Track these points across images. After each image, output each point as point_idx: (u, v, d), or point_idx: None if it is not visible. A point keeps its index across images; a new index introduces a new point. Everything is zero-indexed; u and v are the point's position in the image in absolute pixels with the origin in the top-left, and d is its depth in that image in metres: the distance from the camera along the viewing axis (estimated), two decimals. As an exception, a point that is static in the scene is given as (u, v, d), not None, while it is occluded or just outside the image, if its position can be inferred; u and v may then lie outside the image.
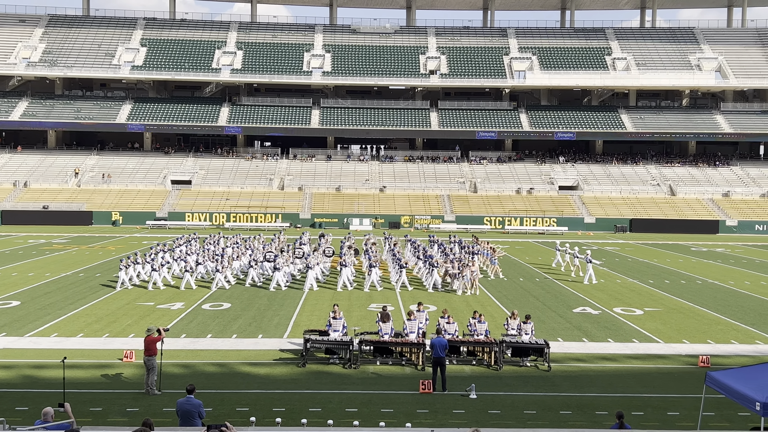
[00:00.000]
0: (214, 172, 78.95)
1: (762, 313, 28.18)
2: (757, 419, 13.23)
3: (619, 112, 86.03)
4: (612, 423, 13.45)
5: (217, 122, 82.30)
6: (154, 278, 31.70)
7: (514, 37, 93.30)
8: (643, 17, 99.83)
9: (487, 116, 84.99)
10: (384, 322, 20.70)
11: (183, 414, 13.31)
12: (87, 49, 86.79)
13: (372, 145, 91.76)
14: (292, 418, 15.32)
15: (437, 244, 42.68)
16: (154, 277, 31.72)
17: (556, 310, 28.12)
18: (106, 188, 73.92)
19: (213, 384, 17.94)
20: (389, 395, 17.33)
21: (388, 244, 42.24)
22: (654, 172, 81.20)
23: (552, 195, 75.67)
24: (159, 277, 32.00)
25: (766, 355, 21.55)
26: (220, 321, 25.06)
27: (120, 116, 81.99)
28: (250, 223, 67.05)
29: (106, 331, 23.41)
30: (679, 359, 21.22)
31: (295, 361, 20.06)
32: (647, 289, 33.87)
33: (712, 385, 13.85)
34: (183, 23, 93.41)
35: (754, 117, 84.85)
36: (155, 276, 31.74)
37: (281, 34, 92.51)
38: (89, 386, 17.62)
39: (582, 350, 21.99)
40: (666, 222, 68.99)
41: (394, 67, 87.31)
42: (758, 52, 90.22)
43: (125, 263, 32.00)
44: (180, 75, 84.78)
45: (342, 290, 31.77)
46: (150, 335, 17.27)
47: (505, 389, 17.95)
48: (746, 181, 79.32)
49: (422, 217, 69.08)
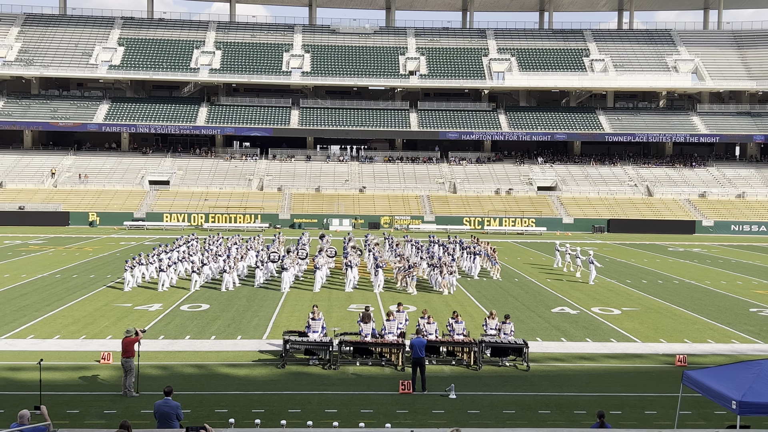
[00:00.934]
0: (192, 173, 78.54)
1: (738, 312, 28.48)
2: (733, 417, 13.33)
3: (597, 114, 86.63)
4: (591, 422, 13.53)
5: (196, 122, 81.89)
6: (162, 279, 31.49)
7: (493, 38, 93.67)
8: (621, 19, 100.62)
9: (467, 117, 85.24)
10: (365, 322, 20.67)
11: (161, 416, 13.24)
12: (64, 48, 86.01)
13: (351, 146, 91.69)
14: (271, 420, 15.26)
15: (437, 244, 42.32)
16: (162, 278, 31.50)
17: (534, 310, 28.25)
18: (83, 189, 73.28)
19: (191, 385, 17.83)
20: (369, 396, 17.32)
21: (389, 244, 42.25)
22: (631, 173, 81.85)
23: (530, 195, 76.03)
24: (167, 278, 31.79)
25: (742, 354, 21.78)
26: (199, 322, 24.91)
27: (97, 116, 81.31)
28: (229, 223, 66.75)
29: (83, 332, 23.20)
30: (657, 358, 21.39)
31: (275, 362, 19.99)
32: (625, 289, 34.12)
33: (689, 384, 13.97)
34: (161, 22, 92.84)
35: (730, 118, 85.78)
36: (163, 276, 31.54)
37: (260, 34, 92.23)
38: (66, 388, 17.45)
39: (560, 350, 22.11)
40: (643, 222, 69.57)
41: (374, 67, 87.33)
42: (734, 54, 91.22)
43: (130, 264, 31.80)
44: (158, 75, 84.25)
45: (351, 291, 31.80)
46: (128, 337, 17.14)
47: (484, 389, 18.00)
48: (722, 182, 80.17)
49: (402, 217, 69.13)
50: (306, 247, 39.04)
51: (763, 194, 77.13)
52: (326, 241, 42.21)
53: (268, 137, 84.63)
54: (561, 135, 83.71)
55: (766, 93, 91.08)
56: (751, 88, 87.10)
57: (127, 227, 65.01)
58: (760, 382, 12.46)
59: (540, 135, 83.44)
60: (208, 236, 44.59)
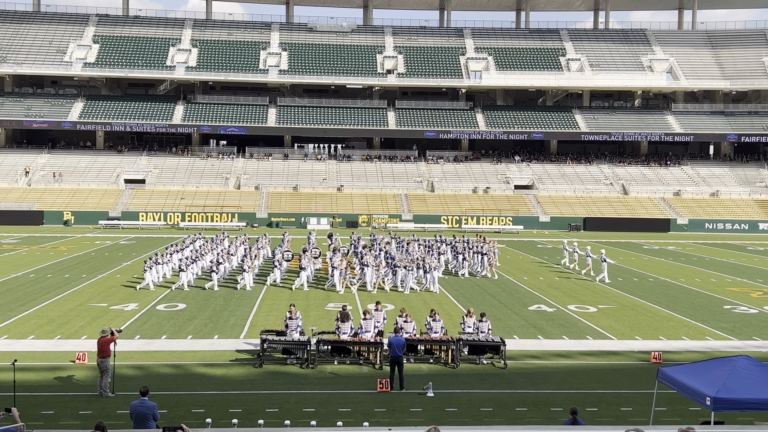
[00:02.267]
0: (168, 171, 77.99)
1: (712, 309, 28.81)
2: (707, 414, 13.49)
3: (573, 113, 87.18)
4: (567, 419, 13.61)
5: (172, 120, 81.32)
6: (182, 279, 31.32)
7: (471, 38, 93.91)
8: (597, 18, 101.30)
9: (444, 116, 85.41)
10: (343, 321, 20.64)
11: (137, 417, 13.15)
12: (38, 45, 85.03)
13: (329, 145, 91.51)
14: (248, 419, 15.21)
15: (445, 243, 42.10)
16: (182, 278, 31.33)
17: (512, 308, 28.38)
18: (57, 187, 72.52)
19: (168, 385, 17.72)
20: (347, 395, 17.32)
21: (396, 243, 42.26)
22: (607, 172, 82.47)
23: (508, 194, 76.37)
24: (186, 278, 31.55)
25: (716, 351, 22.03)
26: (175, 322, 24.76)
27: (72, 114, 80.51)
28: (206, 222, 66.36)
29: (57, 332, 22.98)
30: (632, 355, 21.58)
31: (252, 362, 19.93)
32: (601, 286, 34.37)
33: (663, 380, 14.11)
34: (137, 20, 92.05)
35: (704, 117, 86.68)
36: (183, 276, 31.37)
37: (237, 32, 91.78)
38: (41, 389, 17.28)
39: (537, 347, 22.24)
40: (619, 221, 70.11)
41: (352, 66, 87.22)
42: (708, 54, 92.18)
43: (149, 264, 31.56)
44: (133, 72, 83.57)
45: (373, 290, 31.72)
46: (104, 337, 17.00)
47: (462, 387, 18.06)
48: (696, 181, 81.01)
49: (380, 216, 69.15)
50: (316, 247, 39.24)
51: (737, 193, 78.07)
52: (335, 241, 42.13)
53: (245, 136, 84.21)
54: (538, 134, 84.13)
55: (739, 92, 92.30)
56: (724, 88, 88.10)
57: (103, 226, 64.42)
58: (733, 379, 12.62)
59: (517, 134, 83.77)
60: (214, 236, 44.13)
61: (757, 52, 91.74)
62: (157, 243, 51.08)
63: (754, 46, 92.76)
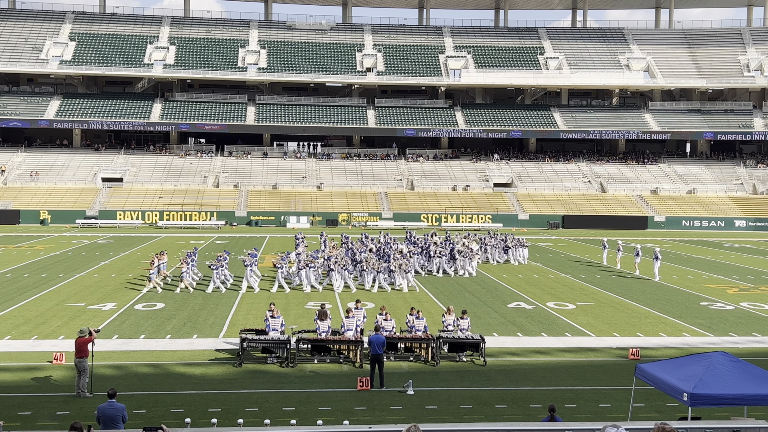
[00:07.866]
0: (146, 170, 77.46)
1: (689, 306, 29.08)
2: (684, 409, 13.63)
3: (552, 111, 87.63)
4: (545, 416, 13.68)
5: (150, 118, 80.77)
6: (215, 280, 30.99)
7: (450, 36, 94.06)
8: (575, 17, 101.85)
9: (424, 114, 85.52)
10: (321, 320, 20.61)
11: (105, 419, 12.79)
12: (13, 42, 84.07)
13: (309, 143, 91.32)
14: (228, 419, 15.16)
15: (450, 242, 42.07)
16: (215, 279, 31.00)
17: (491, 305, 28.48)
18: (33, 186, 71.78)
19: (147, 385, 17.62)
20: (327, 393, 17.30)
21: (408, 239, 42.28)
22: (585, 170, 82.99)
23: (487, 192, 76.63)
24: (217, 278, 31.18)
25: (693, 347, 22.24)
26: (154, 321, 24.60)
27: (48, 112, 79.73)
28: (185, 221, 65.98)
29: (35, 333, 22.76)
30: (610, 352, 21.74)
31: (231, 361, 19.85)
32: (579, 284, 34.60)
33: (641, 377, 14.22)
34: (113, 17, 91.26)
35: (681, 116, 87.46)
36: (215, 276, 31.06)
37: (215, 30, 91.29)
38: (18, 390, 17.11)
39: (516, 344, 22.34)
40: (597, 218, 70.58)
41: (331, 64, 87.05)
42: (684, 53, 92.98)
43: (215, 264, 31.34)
44: (110, 70, 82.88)
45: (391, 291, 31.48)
46: (81, 337, 16.86)
47: (442, 384, 18.10)
48: (673, 178, 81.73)
49: (360, 214, 69.13)
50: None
51: (713, 190, 78.85)
52: (350, 242, 41.81)
53: (223, 134, 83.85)
54: (517, 132, 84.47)
55: (715, 91, 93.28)
56: (701, 86, 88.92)
57: (80, 225, 63.86)
58: (710, 375, 12.74)
59: (496, 132, 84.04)
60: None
61: (733, 51, 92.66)
62: (135, 242, 50.72)
63: (730, 45, 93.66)
